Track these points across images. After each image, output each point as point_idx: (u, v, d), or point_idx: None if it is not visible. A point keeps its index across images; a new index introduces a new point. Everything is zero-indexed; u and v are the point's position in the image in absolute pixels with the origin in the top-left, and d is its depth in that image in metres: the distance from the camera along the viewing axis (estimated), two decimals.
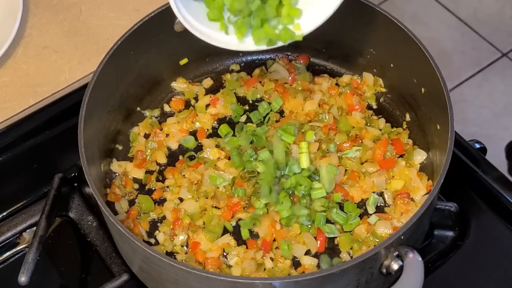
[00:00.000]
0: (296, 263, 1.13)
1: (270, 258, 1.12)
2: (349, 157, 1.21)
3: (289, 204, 1.14)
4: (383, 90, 1.30)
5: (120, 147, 1.26)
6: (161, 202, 1.20)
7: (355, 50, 1.31)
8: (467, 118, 2.36)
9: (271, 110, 1.29)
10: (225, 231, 1.16)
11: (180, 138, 1.27)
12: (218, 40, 1.05)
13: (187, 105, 1.32)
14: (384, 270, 1.01)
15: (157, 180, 1.22)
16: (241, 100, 1.32)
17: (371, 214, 1.16)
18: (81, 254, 1.22)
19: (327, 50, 1.34)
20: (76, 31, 1.47)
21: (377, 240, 1.12)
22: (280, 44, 1.05)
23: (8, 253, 1.23)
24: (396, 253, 0.99)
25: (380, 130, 1.25)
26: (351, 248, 1.13)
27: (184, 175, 1.21)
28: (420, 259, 0.98)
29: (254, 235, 1.15)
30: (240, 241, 1.15)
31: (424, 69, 1.13)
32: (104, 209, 1.03)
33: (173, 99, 1.33)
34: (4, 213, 1.25)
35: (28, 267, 1.09)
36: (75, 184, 1.27)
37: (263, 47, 1.05)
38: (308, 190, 1.15)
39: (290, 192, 1.16)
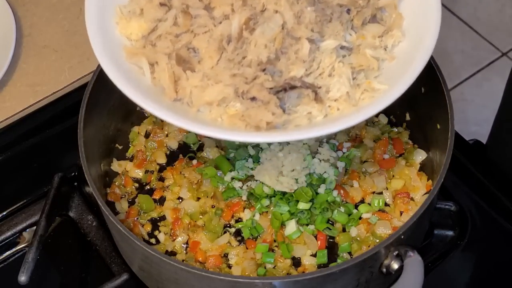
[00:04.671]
0: (296, 263, 1.13)
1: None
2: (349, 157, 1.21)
3: (286, 208, 1.14)
4: None
5: (120, 147, 1.26)
6: (161, 201, 1.20)
7: None
8: (467, 117, 2.36)
9: None
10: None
11: (180, 138, 1.27)
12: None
13: None
14: (384, 270, 1.01)
15: (157, 179, 1.22)
16: None
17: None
18: (81, 254, 1.22)
19: None
20: (76, 30, 1.47)
21: (377, 240, 1.12)
22: None
23: (8, 253, 1.23)
24: (396, 252, 0.99)
25: (380, 130, 1.25)
26: (351, 248, 1.13)
27: (184, 175, 1.21)
28: (420, 258, 0.98)
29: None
30: (240, 241, 1.15)
31: (424, 69, 1.13)
32: (104, 208, 1.02)
33: None
34: (4, 213, 1.25)
35: (28, 267, 1.08)
36: (75, 184, 1.27)
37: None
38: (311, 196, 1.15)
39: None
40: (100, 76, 1.14)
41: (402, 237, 0.98)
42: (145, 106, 0.87)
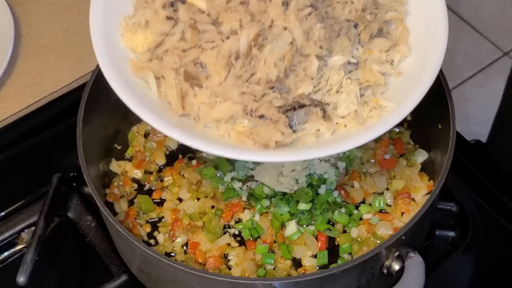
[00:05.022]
0: (296, 264, 1.12)
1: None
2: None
3: (287, 208, 1.14)
4: None
5: (119, 147, 1.25)
6: (160, 202, 1.20)
7: None
8: (469, 117, 2.36)
9: None
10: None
11: None
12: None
13: None
14: (385, 271, 1.00)
15: (157, 180, 1.22)
16: None
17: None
18: (80, 254, 1.21)
19: None
20: (75, 30, 1.46)
21: (377, 241, 1.11)
22: None
23: (6, 253, 1.22)
24: (397, 253, 0.99)
25: None
26: (351, 249, 1.12)
27: (183, 175, 1.21)
28: (421, 259, 0.98)
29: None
30: (240, 242, 1.14)
31: None
32: (103, 209, 1.02)
33: None
34: (3, 213, 1.25)
35: (27, 267, 1.08)
36: (74, 184, 1.26)
37: None
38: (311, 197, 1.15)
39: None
40: (99, 76, 1.13)
41: (403, 238, 0.98)
42: (150, 121, 0.88)
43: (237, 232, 1.15)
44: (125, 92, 0.90)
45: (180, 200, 1.19)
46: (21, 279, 1.07)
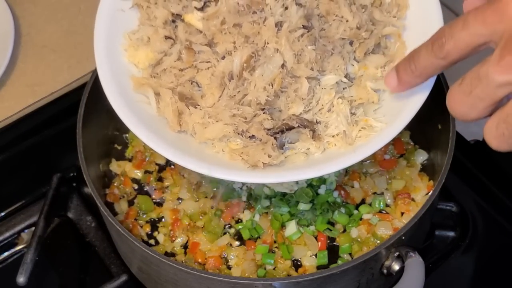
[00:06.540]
0: (296, 264, 1.12)
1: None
2: None
3: (286, 208, 1.14)
4: None
5: (119, 147, 1.25)
6: (160, 202, 1.20)
7: None
8: None
9: None
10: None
11: None
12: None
13: None
14: (385, 271, 1.00)
15: (157, 180, 1.22)
16: None
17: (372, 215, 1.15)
18: (80, 255, 1.21)
19: None
20: (75, 30, 1.46)
21: (377, 241, 1.11)
22: None
23: (6, 254, 1.22)
24: (397, 253, 0.99)
25: None
26: (351, 249, 1.12)
27: (183, 175, 1.21)
28: (421, 259, 0.98)
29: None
30: (240, 242, 1.14)
31: None
32: (103, 209, 1.02)
33: None
34: (3, 213, 1.25)
35: (27, 268, 1.08)
36: (74, 184, 1.26)
37: None
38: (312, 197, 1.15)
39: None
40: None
41: (403, 238, 0.98)
42: (147, 141, 0.89)
43: (237, 232, 1.15)
44: (122, 108, 0.92)
45: (180, 200, 1.19)
46: (21, 279, 1.07)
